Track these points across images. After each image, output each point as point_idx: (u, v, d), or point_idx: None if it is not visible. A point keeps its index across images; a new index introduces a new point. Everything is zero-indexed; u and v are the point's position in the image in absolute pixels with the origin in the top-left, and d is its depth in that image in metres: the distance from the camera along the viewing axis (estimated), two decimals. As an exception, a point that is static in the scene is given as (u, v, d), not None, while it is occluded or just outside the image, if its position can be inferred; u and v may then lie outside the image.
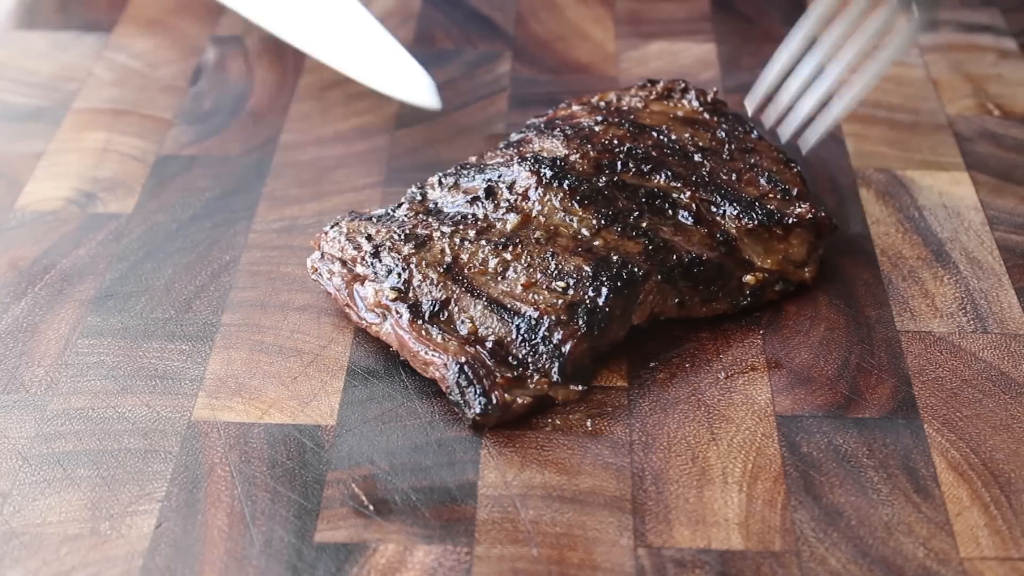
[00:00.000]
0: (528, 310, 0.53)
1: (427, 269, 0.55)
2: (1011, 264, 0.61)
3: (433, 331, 0.53)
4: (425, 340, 0.53)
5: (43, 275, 0.60)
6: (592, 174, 0.58)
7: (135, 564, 0.47)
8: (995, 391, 0.54)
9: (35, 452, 0.51)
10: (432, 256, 0.55)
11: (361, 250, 0.56)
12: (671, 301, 0.56)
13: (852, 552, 0.48)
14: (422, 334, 0.53)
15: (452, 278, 0.54)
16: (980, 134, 0.70)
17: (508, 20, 0.80)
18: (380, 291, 0.55)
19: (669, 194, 0.58)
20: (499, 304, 0.53)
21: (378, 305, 0.55)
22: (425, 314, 0.54)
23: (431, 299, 0.54)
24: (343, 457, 0.51)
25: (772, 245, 0.58)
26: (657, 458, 0.51)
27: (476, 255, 0.55)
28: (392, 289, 0.54)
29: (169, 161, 0.67)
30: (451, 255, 0.55)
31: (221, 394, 0.54)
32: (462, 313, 0.54)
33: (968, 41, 0.77)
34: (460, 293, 0.54)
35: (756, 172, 0.60)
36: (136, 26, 0.79)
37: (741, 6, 0.81)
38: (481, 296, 0.54)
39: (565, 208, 0.56)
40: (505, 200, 0.57)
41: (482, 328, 0.53)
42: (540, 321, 0.53)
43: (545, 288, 0.54)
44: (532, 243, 0.55)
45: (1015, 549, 0.48)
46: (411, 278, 0.55)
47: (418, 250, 0.55)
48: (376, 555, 0.47)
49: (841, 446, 0.52)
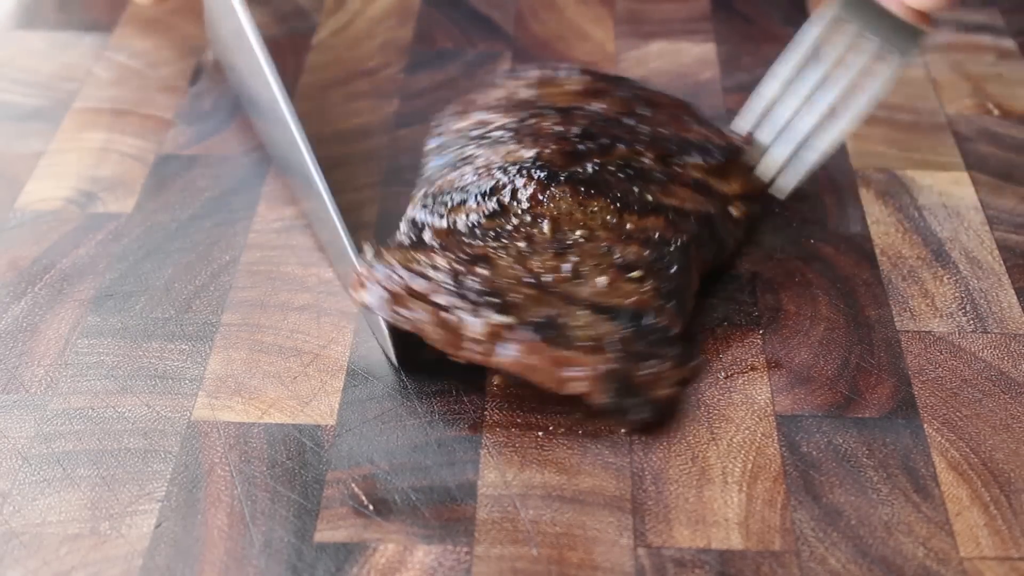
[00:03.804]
0: (627, 306, 0.53)
1: (520, 287, 0.52)
2: (1011, 264, 0.61)
3: (561, 346, 0.51)
4: (563, 358, 0.50)
5: (43, 275, 0.60)
6: (570, 164, 0.58)
7: (135, 564, 0.47)
8: (995, 391, 0.54)
9: (35, 452, 0.51)
10: (506, 273, 0.53)
11: (433, 280, 0.52)
12: (707, 257, 0.58)
13: (852, 552, 0.48)
14: (556, 353, 0.50)
15: (547, 291, 0.53)
16: (980, 134, 0.70)
17: (508, 20, 0.80)
18: (490, 319, 0.51)
19: (632, 161, 0.59)
20: (600, 307, 0.53)
21: (491, 334, 0.51)
22: (549, 332, 0.51)
23: (543, 315, 0.51)
24: (343, 457, 0.51)
25: (728, 176, 0.61)
26: (657, 458, 0.51)
27: (544, 265, 0.54)
28: (500, 313, 0.51)
29: (169, 161, 0.67)
30: (523, 269, 0.53)
31: (221, 394, 0.54)
32: (572, 323, 0.52)
33: (968, 41, 0.77)
34: (562, 304, 0.52)
35: (679, 118, 0.63)
36: (136, 26, 0.79)
37: (741, 6, 0.81)
38: (580, 303, 0.53)
39: (579, 203, 0.57)
40: (520, 210, 0.56)
41: (595, 332, 0.52)
42: (642, 313, 0.53)
43: (624, 281, 0.54)
44: (582, 242, 0.56)
45: (1015, 549, 0.48)
46: (507, 298, 0.52)
47: (492, 269, 0.53)
48: (376, 555, 0.47)
49: (841, 446, 0.52)
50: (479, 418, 0.53)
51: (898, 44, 0.59)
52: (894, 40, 0.59)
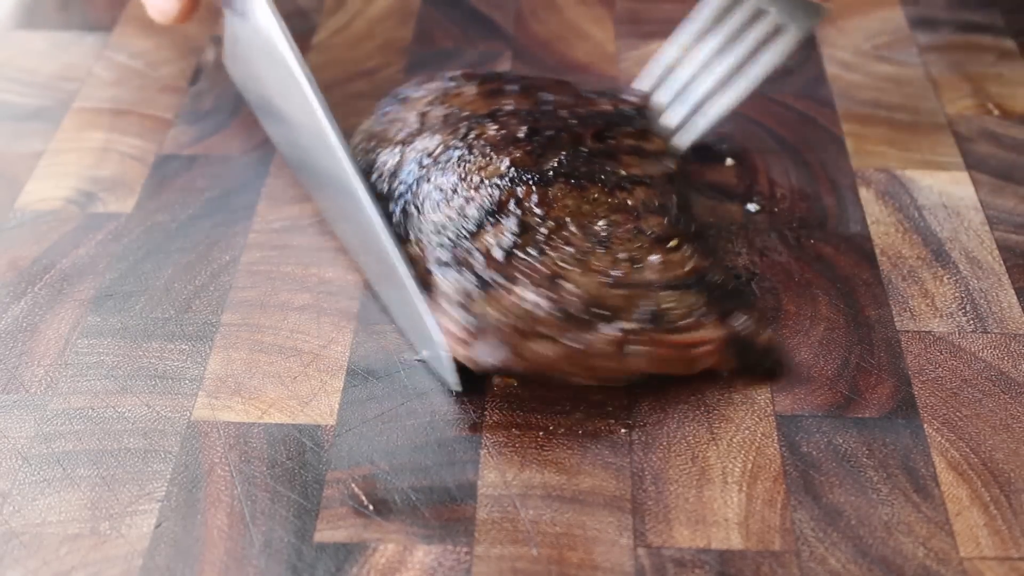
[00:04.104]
0: (688, 274, 0.54)
1: (606, 290, 0.53)
2: (1011, 264, 0.61)
3: (673, 332, 0.53)
4: (684, 341, 0.53)
5: (43, 275, 0.60)
6: (541, 162, 0.58)
7: (135, 564, 0.47)
8: (995, 391, 0.54)
9: (35, 452, 0.51)
10: (585, 282, 0.53)
11: (537, 313, 0.52)
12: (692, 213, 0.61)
13: (852, 552, 0.48)
14: (676, 338, 0.53)
15: (626, 286, 0.53)
16: (980, 134, 0.70)
17: (508, 20, 0.80)
18: (609, 331, 0.52)
19: (580, 145, 0.60)
20: (671, 284, 0.54)
21: (618, 344, 0.52)
22: (658, 322, 0.52)
23: (644, 309, 0.53)
24: (343, 457, 0.51)
25: (649, 137, 0.62)
26: (657, 458, 0.51)
27: (603, 262, 0.54)
28: (611, 321, 0.52)
29: (169, 161, 0.67)
30: (595, 272, 0.53)
31: (221, 394, 0.54)
32: (666, 306, 0.53)
33: (968, 41, 0.77)
34: (646, 293, 0.53)
35: (578, 95, 0.64)
36: (136, 26, 0.79)
37: (741, 6, 0.81)
38: (655, 286, 0.54)
39: (579, 195, 0.57)
40: (538, 218, 0.55)
41: (686, 308, 0.53)
42: (703, 275, 0.55)
43: (668, 252, 0.55)
44: (610, 230, 0.56)
45: (1015, 549, 0.48)
46: (608, 305, 0.52)
47: (573, 283, 0.53)
48: (376, 555, 0.47)
49: (841, 446, 0.52)
50: (479, 418, 0.53)
51: (797, 17, 0.62)
52: (793, 13, 0.62)
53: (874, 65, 0.75)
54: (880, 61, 0.75)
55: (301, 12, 0.80)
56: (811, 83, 0.73)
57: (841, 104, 0.72)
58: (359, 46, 0.77)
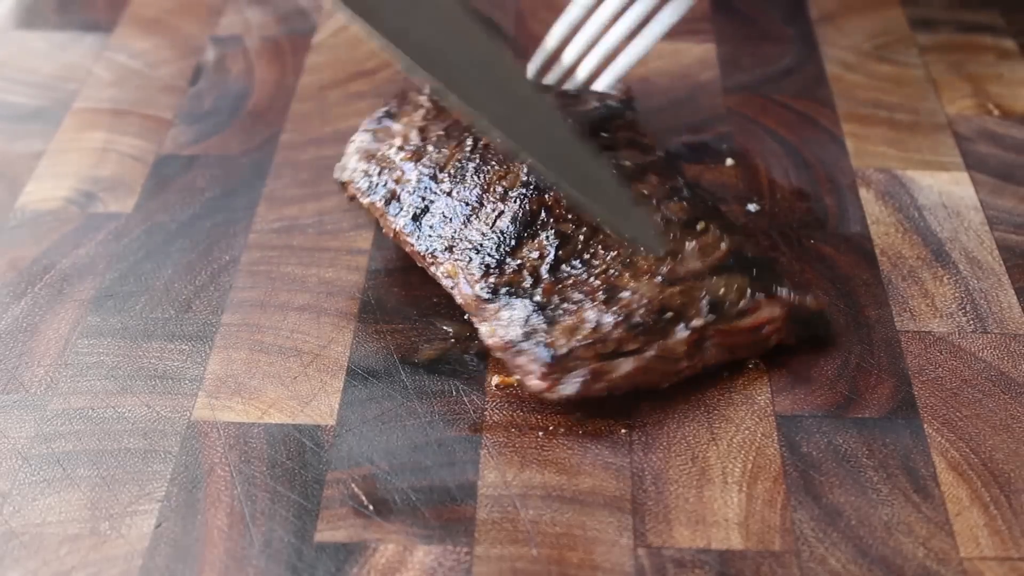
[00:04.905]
0: (726, 254, 0.55)
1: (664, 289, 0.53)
2: (1011, 264, 0.61)
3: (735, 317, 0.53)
4: (749, 325, 0.54)
5: (43, 275, 0.60)
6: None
7: (135, 564, 0.47)
8: (995, 391, 0.54)
9: (35, 452, 0.51)
10: (642, 286, 0.53)
11: (607, 330, 0.52)
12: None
13: (852, 552, 0.48)
14: (741, 323, 0.53)
15: (678, 281, 0.53)
16: (980, 134, 0.70)
17: (508, 20, 0.80)
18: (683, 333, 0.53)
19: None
20: (715, 268, 0.54)
21: (692, 344, 0.53)
22: (720, 311, 0.53)
23: (704, 302, 0.53)
24: (343, 457, 0.51)
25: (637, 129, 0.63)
26: (657, 458, 0.51)
27: (649, 259, 0.54)
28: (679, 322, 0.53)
29: (169, 161, 0.67)
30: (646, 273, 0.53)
31: (221, 394, 0.54)
32: (719, 293, 0.53)
33: (968, 41, 0.77)
34: (698, 283, 0.53)
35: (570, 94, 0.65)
36: (136, 26, 0.79)
37: (741, 6, 0.81)
38: (702, 275, 0.54)
39: None
40: (572, 226, 0.55)
41: (737, 289, 0.54)
42: (740, 252, 0.55)
43: (700, 235, 0.55)
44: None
45: (1015, 549, 0.48)
46: (672, 305, 0.53)
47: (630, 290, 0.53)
48: (376, 555, 0.47)
49: (841, 446, 0.52)
50: (479, 418, 0.53)
51: None
52: None
53: (874, 65, 0.75)
54: (880, 61, 0.75)
55: (301, 12, 0.80)
56: (811, 83, 0.73)
57: (841, 104, 0.72)
58: (359, 46, 0.77)
